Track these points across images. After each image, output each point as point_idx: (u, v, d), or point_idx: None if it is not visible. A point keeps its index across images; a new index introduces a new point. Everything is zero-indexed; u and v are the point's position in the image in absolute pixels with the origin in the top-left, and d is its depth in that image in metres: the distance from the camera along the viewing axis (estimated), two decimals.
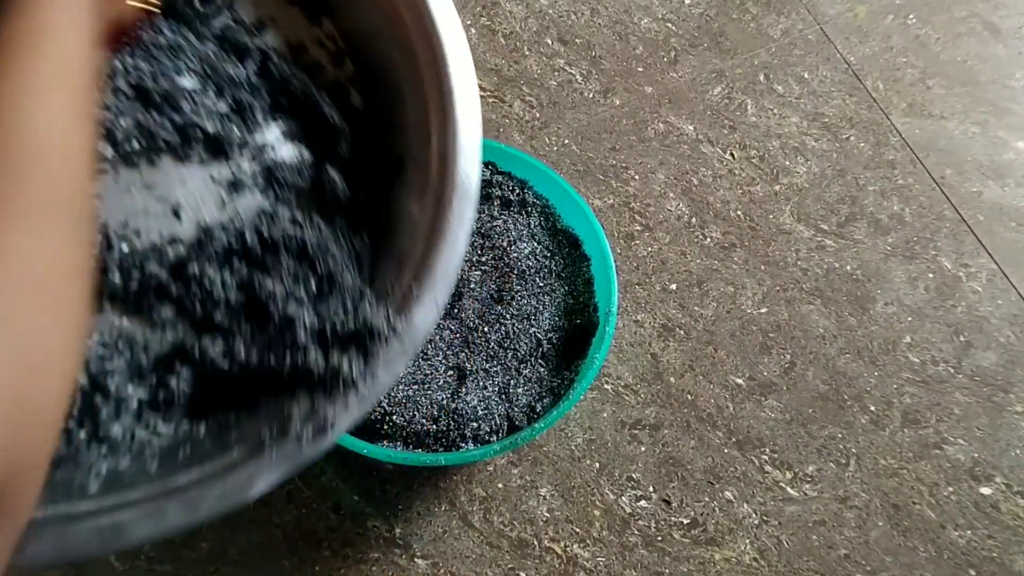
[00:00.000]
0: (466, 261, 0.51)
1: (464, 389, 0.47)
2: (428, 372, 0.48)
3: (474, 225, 0.45)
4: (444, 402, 0.48)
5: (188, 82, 0.36)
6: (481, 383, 0.48)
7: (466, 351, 0.49)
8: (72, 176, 0.28)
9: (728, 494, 0.56)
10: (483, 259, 0.52)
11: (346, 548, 0.52)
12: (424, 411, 0.47)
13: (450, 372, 0.49)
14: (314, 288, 0.34)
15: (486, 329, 0.50)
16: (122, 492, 0.30)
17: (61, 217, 0.27)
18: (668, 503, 0.55)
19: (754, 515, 0.55)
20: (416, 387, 0.48)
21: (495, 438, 0.46)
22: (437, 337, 0.49)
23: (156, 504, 0.29)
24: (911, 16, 0.75)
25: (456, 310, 0.50)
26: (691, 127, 0.68)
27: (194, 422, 0.33)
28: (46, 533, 0.28)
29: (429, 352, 0.48)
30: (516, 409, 0.47)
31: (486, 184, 0.53)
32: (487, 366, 0.49)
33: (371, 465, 0.53)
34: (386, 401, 0.47)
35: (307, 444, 0.30)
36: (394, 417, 0.46)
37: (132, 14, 0.35)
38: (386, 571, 0.52)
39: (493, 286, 0.52)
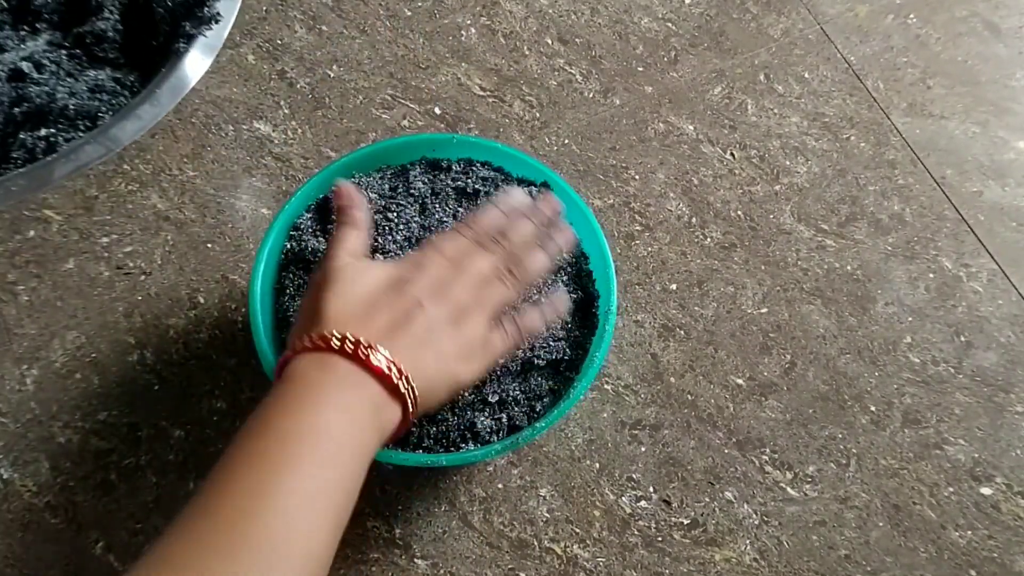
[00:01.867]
0: None
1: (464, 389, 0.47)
2: None
3: None
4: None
5: None
6: (481, 383, 0.48)
7: None
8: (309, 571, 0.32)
9: (728, 494, 0.56)
10: None
11: (346, 548, 0.52)
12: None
13: None
14: None
15: None
16: None
17: None
18: (668, 503, 0.55)
19: (754, 515, 0.55)
20: None
21: (495, 438, 0.46)
22: None
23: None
24: (911, 16, 0.75)
25: None
26: (691, 127, 0.68)
27: None
28: None
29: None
30: (516, 409, 0.47)
31: (483, 182, 0.53)
32: None
33: (370, 465, 0.53)
34: None
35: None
36: None
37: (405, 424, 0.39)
38: (386, 571, 0.52)
39: None
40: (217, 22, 0.60)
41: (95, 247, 0.60)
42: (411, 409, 0.38)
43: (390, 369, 0.36)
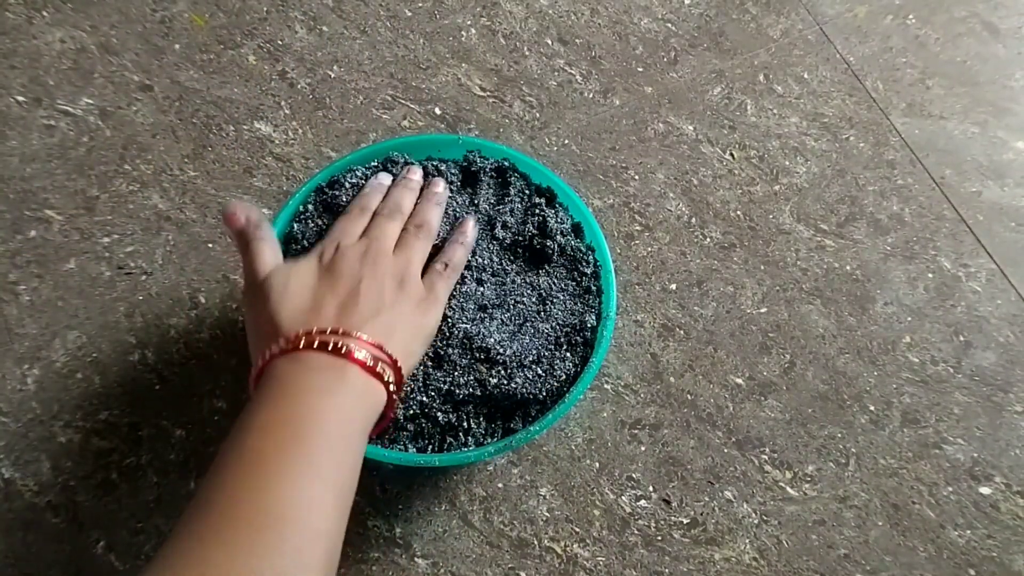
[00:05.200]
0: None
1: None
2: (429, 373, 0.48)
3: None
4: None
5: None
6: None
7: None
8: (320, 548, 0.32)
9: (728, 494, 0.56)
10: None
11: (346, 547, 0.52)
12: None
13: None
14: None
15: None
16: None
17: None
18: (668, 503, 0.55)
19: (754, 515, 0.55)
20: (417, 388, 0.48)
21: (494, 438, 0.46)
22: None
23: None
24: (911, 16, 0.75)
25: None
26: (691, 127, 0.68)
27: None
28: None
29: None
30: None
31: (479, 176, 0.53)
32: None
33: (371, 465, 0.53)
34: None
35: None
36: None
37: (391, 405, 0.40)
38: (386, 571, 0.52)
39: None
40: None
41: (96, 247, 0.60)
42: (393, 387, 0.39)
43: (368, 354, 0.38)
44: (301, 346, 0.37)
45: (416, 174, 0.51)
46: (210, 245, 0.60)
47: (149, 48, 0.67)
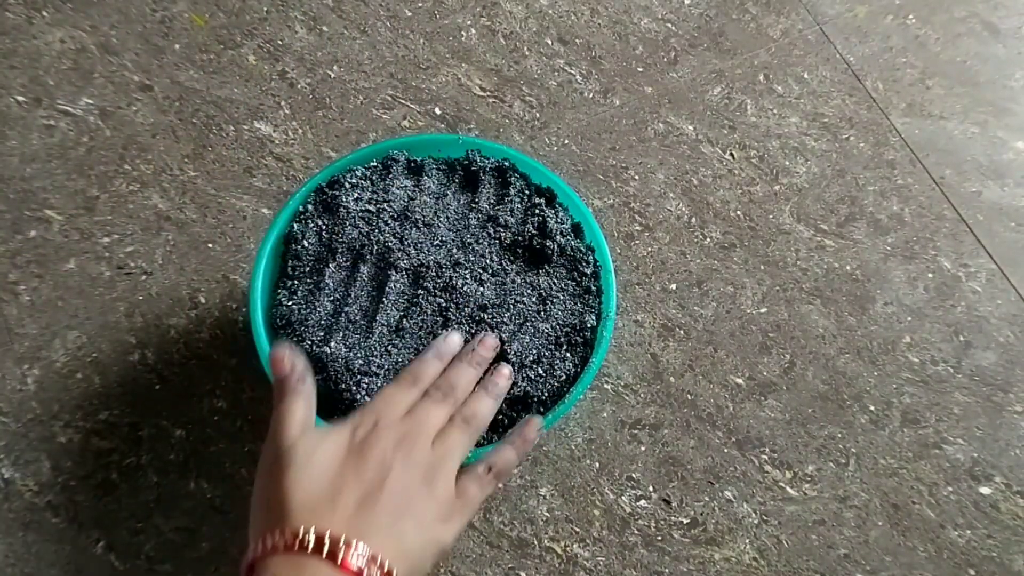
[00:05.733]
0: None
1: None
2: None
3: None
4: None
5: None
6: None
7: None
8: None
9: (728, 494, 0.56)
10: None
11: None
12: None
13: None
14: None
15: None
16: None
17: None
18: (668, 503, 0.55)
19: (754, 515, 0.55)
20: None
21: (494, 438, 0.46)
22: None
23: None
24: (911, 16, 0.75)
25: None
26: (691, 127, 0.68)
27: None
28: None
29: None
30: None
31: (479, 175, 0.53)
32: None
33: None
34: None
35: None
36: None
37: None
38: None
39: None
40: None
41: (96, 247, 0.60)
42: None
43: (370, 567, 0.34)
44: (308, 549, 0.33)
45: (488, 349, 0.45)
46: (210, 245, 0.61)
47: (149, 48, 0.67)
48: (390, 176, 0.52)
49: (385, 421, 0.39)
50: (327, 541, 0.33)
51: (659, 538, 0.54)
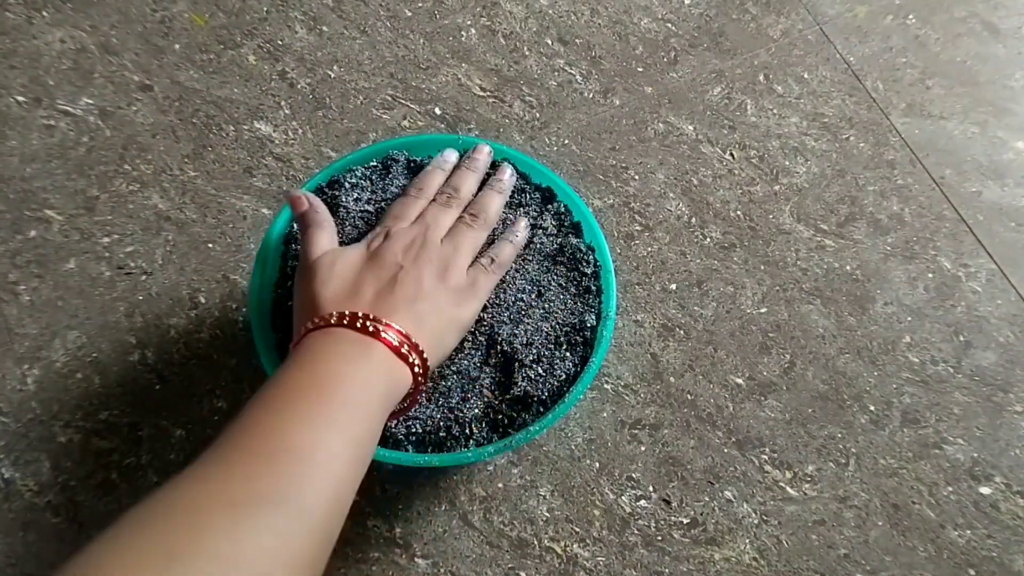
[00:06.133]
0: None
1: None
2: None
3: None
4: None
5: None
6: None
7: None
8: (326, 485, 0.32)
9: (728, 494, 0.56)
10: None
11: (346, 548, 0.52)
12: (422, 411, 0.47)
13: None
14: None
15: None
16: None
17: (315, 527, 0.31)
18: (668, 503, 0.55)
19: (754, 515, 0.55)
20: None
21: (495, 438, 0.46)
22: None
23: None
24: (911, 16, 0.75)
25: None
26: (691, 127, 0.68)
27: None
28: None
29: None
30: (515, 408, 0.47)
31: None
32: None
33: (371, 465, 0.53)
34: None
35: None
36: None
37: (415, 395, 0.42)
38: (386, 570, 0.52)
39: None
40: None
41: (96, 247, 0.60)
42: (419, 370, 0.40)
43: (395, 338, 0.39)
44: (333, 323, 0.39)
45: (483, 154, 0.50)
46: (210, 245, 0.61)
47: (149, 48, 0.67)
48: (390, 176, 0.52)
49: (395, 229, 0.45)
50: (348, 316, 0.39)
51: (659, 538, 0.54)
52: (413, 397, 0.41)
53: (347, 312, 0.39)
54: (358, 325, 0.38)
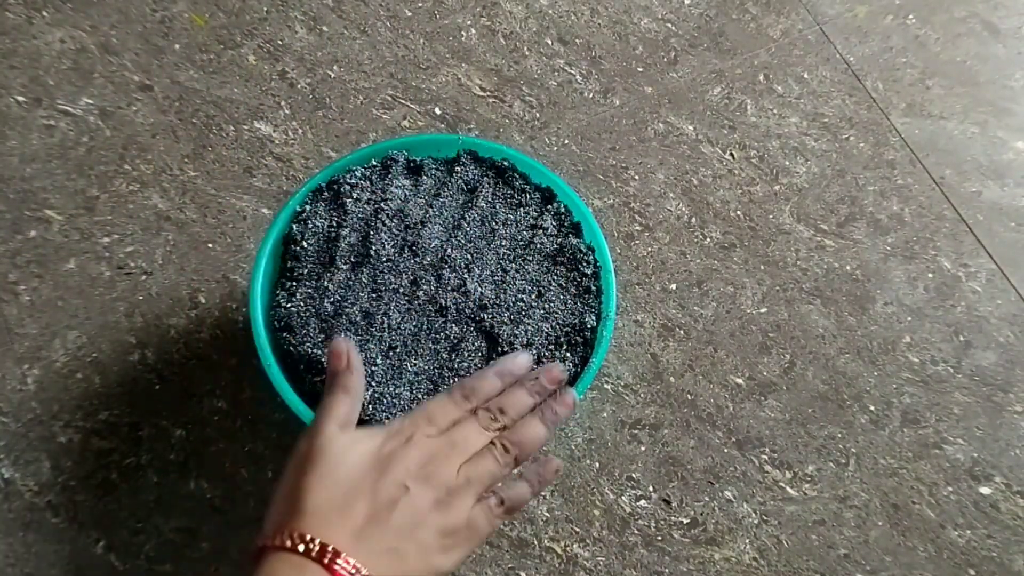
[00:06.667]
0: None
1: None
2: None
3: None
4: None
5: None
6: None
7: None
8: None
9: (728, 494, 0.56)
10: None
11: None
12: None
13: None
14: None
15: None
16: None
17: None
18: (668, 503, 0.55)
19: (754, 515, 0.55)
20: (413, 388, 0.48)
21: None
22: None
23: None
24: (911, 16, 0.75)
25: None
26: (691, 127, 0.68)
27: None
28: None
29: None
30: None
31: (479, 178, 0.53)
32: None
33: None
34: (371, 405, 0.46)
35: None
36: (380, 416, 0.46)
37: None
38: None
39: None
40: None
41: (96, 247, 0.60)
42: None
43: None
44: (311, 556, 0.34)
45: (551, 381, 0.43)
46: (210, 245, 0.61)
47: (149, 48, 0.67)
48: (390, 176, 0.52)
49: (419, 435, 0.39)
50: (329, 552, 0.34)
51: (659, 538, 0.54)
52: None
53: (328, 546, 0.35)
54: (325, 561, 0.34)
